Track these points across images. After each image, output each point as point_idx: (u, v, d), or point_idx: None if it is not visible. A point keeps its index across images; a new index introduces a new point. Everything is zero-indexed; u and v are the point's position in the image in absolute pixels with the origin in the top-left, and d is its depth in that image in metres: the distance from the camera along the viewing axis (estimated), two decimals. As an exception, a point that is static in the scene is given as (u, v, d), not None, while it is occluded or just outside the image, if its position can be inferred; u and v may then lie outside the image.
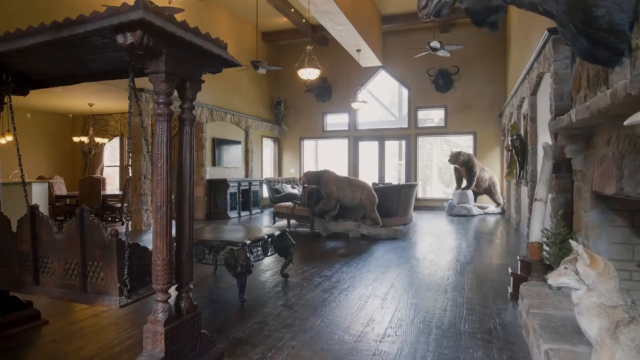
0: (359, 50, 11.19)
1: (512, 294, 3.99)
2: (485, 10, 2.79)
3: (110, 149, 12.89)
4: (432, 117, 13.17)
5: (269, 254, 4.31)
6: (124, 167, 12.05)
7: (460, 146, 13.00)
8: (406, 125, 13.15)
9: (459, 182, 11.56)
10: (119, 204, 9.42)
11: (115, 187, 12.65)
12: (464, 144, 13.09)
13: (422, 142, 13.44)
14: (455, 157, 11.15)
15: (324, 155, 14.80)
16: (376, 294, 4.10)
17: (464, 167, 11.19)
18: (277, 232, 4.43)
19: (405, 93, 13.21)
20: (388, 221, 8.36)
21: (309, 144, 14.67)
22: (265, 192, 11.78)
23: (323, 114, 14.03)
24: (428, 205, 12.72)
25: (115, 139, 12.33)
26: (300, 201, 8.58)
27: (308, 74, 9.74)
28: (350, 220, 7.96)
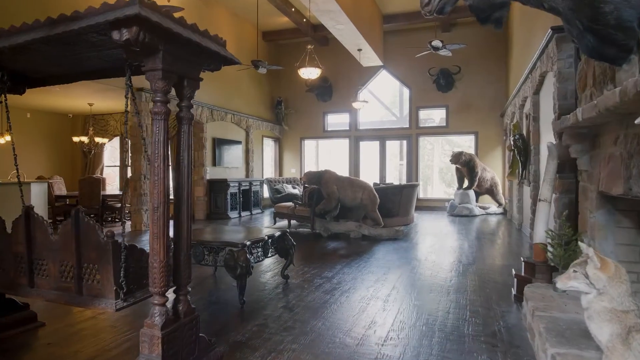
0: (359, 50, 11.13)
1: (516, 296, 3.93)
2: (490, 7, 2.73)
3: (110, 149, 12.85)
4: (433, 117, 13.12)
5: (269, 255, 4.25)
6: (122, 166, 12.00)
7: (462, 146, 12.94)
8: (407, 125, 13.09)
9: (460, 182, 11.50)
10: (119, 204, 9.37)
11: (116, 187, 12.61)
12: (465, 144, 13.03)
13: (423, 142, 13.38)
14: (457, 157, 11.09)
15: (325, 155, 14.74)
16: (378, 296, 4.04)
17: (465, 167, 11.12)
18: (277, 233, 4.38)
19: (406, 93, 13.15)
20: (389, 221, 8.30)
21: (310, 143, 14.62)
22: (265, 192, 11.73)
23: (324, 113, 13.97)
24: (429, 206, 12.66)
25: (116, 139, 12.28)
26: (301, 201, 8.53)
27: (309, 73, 9.69)
28: (352, 220, 7.90)
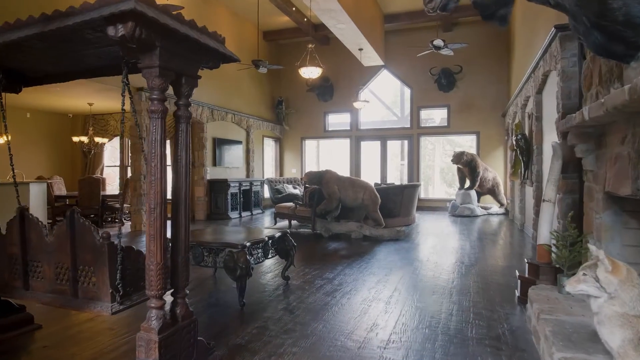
0: (361, 49, 11.08)
1: (519, 298, 3.88)
2: (495, 4, 2.68)
3: (110, 148, 12.81)
4: (434, 116, 13.06)
5: (270, 256, 4.20)
6: (122, 166, 11.96)
7: (463, 146, 12.87)
8: (408, 125, 13.03)
9: (462, 182, 11.43)
10: (118, 204, 9.33)
11: (116, 187, 12.56)
12: (466, 143, 12.96)
13: (424, 142, 13.32)
14: (459, 157, 11.02)
15: (326, 155, 14.69)
16: (380, 298, 3.99)
17: (467, 167, 11.06)
18: (277, 234, 4.32)
19: (407, 92, 13.09)
20: (390, 222, 8.24)
21: (311, 143, 14.56)
22: (266, 193, 11.68)
23: (325, 113, 13.92)
24: (430, 206, 12.60)
25: (116, 139, 12.24)
26: (301, 202, 8.47)
27: (309, 72, 9.64)
28: (353, 221, 7.84)
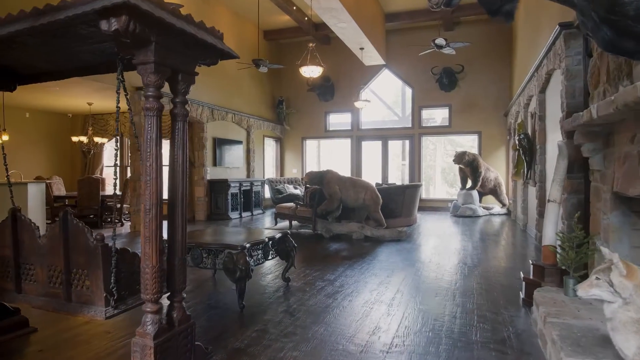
0: (362, 49, 11.00)
1: (524, 300, 3.80)
2: (501, -2, 2.61)
3: (110, 149, 12.74)
4: (435, 116, 12.99)
5: (270, 257, 4.13)
6: (122, 167, 11.90)
7: (464, 146, 12.79)
8: (410, 125, 12.96)
9: (463, 182, 11.36)
10: (118, 205, 9.27)
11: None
12: (467, 143, 12.88)
13: (426, 142, 13.25)
14: (460, 157, 10.95)
15: (327, 155, 14.61)
16: (382, 300, 3.92)
17: (469, 167, 10.99)
18: (278, 235, 4.26)
19: (408, 92, 13.02)
20: (392, 222, 8.17)
21: (312, 143, 14.49)
22: (267, 193, 11.61)
23: (326, 113, 13.84)
24: (432, 206, 12.52)
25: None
26: (302, 202, 8.41)
27: (310, 71, 9.57)
28: (354, 221, 7.77)
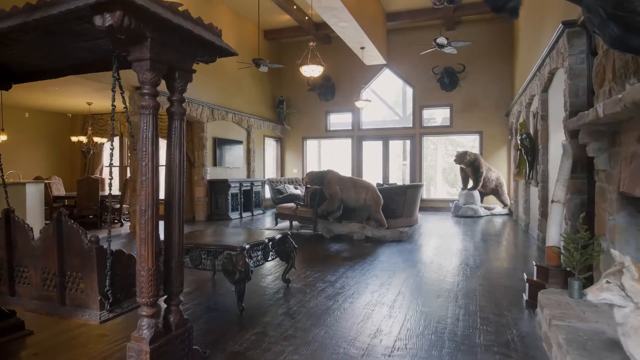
0: (362, 48, 10.94)
1: (527, 302, 3.75)
2: (505, -5, 2.56)
3: (110, 149, 12.69)
4: (435, 116, 12.94)
5: (270, 258, 4.08)
6: (122, 167, 11.86)
7: (465, 146, 12.73)
8: (411, 125, 12.90)
9: (465, 182, 11.30)
10: (117, 205, 9.23)
11: (115, 187, 12.44)
12: (468, 143, 12.82)
13: (426, 142, 13.19)
14: (462, 157, 10.89)
15: (327, 155, 14.56)
16: (383, 302, 3.86)
17: (470, 167, 10.93)
18: (278, 236, 4.20)
19: (409, 92, 12.96)
20: (393, 223, 8.11)
21: (312, 143, 14.44)
22: (267, 193, 11.56)
23: (326, 113, 13.79)
24: (433, 206, 12.46)
25: (115, 139, 12.13)
26: (303, 202, 8.35)
27: (311, 70, 9.51)
28: (355, 221, 7.72)
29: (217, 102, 10.53)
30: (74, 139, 11.01)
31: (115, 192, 10.85)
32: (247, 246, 3.62)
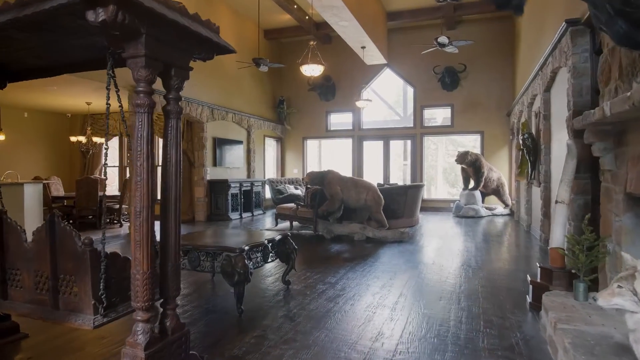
0: (363, 48, 10.88)
1: (531, 304, 3.69)
2: (510, -9, 2.50)
3: (109, 148, 12.62)
4: (436, 116, 12.88)
5: (270, 259, 4.02)
6: (122, 167, 11.81)
7: (466, 146, 12.67)
8: (411, 125, 12.84)
9: (466, 182, 11.24)
10: (117, 205, 9.17)
11: (115, 187, 12.41)
12: (469, 143, 12.76)
13: (427, 142, 13.12)
14: (463, 157, 10.82)
15: (328, 155, 14.50)
16: (384, 304, 3.80)
17: (471, 167, 10.86)
18: (278, 237, 4.14)
19: (410, 91, 12.90)
20: (394, 223, 8.05)
21: (313, 143, 14.38)
22: (267, 193, 11.50)
23: (327, 113, 13.73)
24: (434, 207, 12.39)
25: (115, 139, 12.08)
26: (303, 202, 8.29)
27: (311, 70, 9.45)
28: (355, 222, 7.66)
29: (217, 102, 10.48)
30: (73, 139, 10.96)
31: (115, 192, 10.81)
32: (247, 247, 3.56)
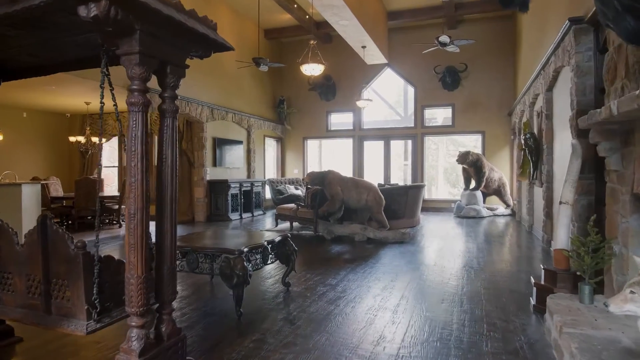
0: (364, 47, 10.82)
1: (535, 306, 3.63)
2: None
3: (109, 149, 12.60)
4: (437, 116, 12.82)
5: (269, 261, 3.97)
6: (121, 167, 11.75)
7: (467, 146, 12.61)
8: (412, 125, 12.78)
9: (467, 182, 11.18)
10: (116, 206, 9.12)
11: (114, 188, 12.36)
12: (470, 143, 12.70)
13: (428, 142, 13.06)
14: (464, 157, 10.76)
15: (328, 155, 14.44)
16: (386, 306, 3.74)
17: (472, 167, 10.80)
18: (277, 238, 4.08)
19: (411, 91, 12.84)
20: (395, 224, 7.99)
21: (313, 143, 14.32)
22: (267, 194, 11.44)
23: (327, 113, 13.67)
24: (435, 207, 12.33)
25: (114, 139, 12.02)
26: (303, 203, 8.23)
27: (311, 69, 9.39)
28: (356, 222, 7.60)
29: (217, 102, 10.42)
30: (72, 139, 10.90)
31: (115, 192, 10.75)
32: (246, 249, 3.50)
